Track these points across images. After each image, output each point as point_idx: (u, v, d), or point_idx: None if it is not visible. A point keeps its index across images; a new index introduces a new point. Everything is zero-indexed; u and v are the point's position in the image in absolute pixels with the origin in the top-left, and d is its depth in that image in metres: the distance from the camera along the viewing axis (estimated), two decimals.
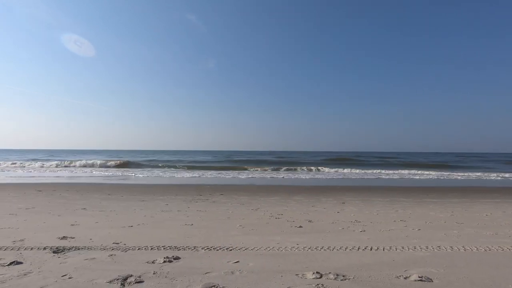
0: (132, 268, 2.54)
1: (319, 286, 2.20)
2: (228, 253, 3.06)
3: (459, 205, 7.10)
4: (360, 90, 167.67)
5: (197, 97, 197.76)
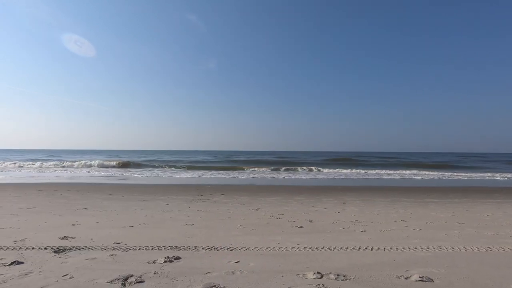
0: (133, 268, 2.54)
1: (320, 286, 2.20)
2: (229, 253, 3.06)
3: (460, 205, 7.09)
4: (360, 90, 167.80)
5: (197, 97, 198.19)
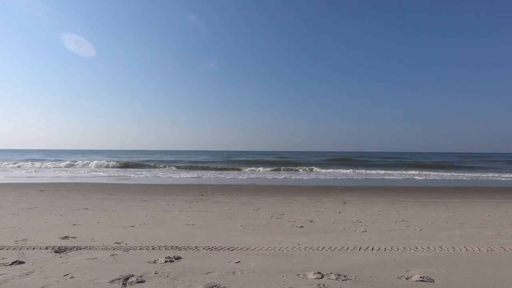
0: (134, 268, 2.55)
1: (321, 286, 2.20)
2: (230, 253, 3.07)
3: (461, 205, 7.08)
4: (360, 90, 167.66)
5: (197, 97, 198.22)
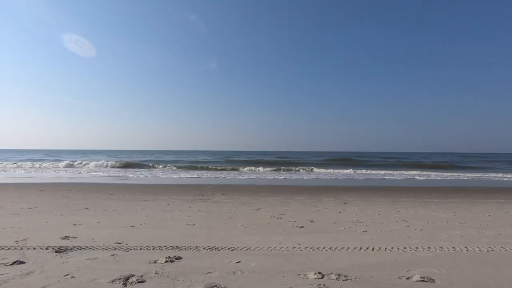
0: (134, 268, 2.55)
1: (321, 286, 2.19)
2: (230, 253, 3.07)
3: (461, 206, 7.07)
4: (360, 90, 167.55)
5: (197, 97, 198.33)
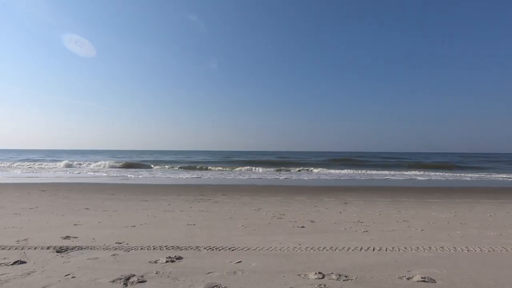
0: (135, 268, 2.55)
1: (322, 287, 2.19)
2: (231, 253, 3.07)
3: (462, 206, 7.06)
4: (360, 90, 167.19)
5: (198, 97, 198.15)
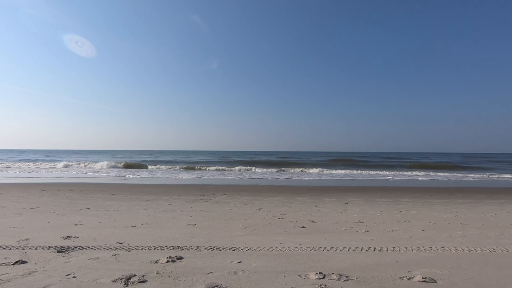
0: (136, 268, 2.55)
1: (322, 287, 2.19)
2: (231, 253, 3.07)
3: (463, 206, 7.04)
4: (361, 90, 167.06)
5: (198, 98, 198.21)
